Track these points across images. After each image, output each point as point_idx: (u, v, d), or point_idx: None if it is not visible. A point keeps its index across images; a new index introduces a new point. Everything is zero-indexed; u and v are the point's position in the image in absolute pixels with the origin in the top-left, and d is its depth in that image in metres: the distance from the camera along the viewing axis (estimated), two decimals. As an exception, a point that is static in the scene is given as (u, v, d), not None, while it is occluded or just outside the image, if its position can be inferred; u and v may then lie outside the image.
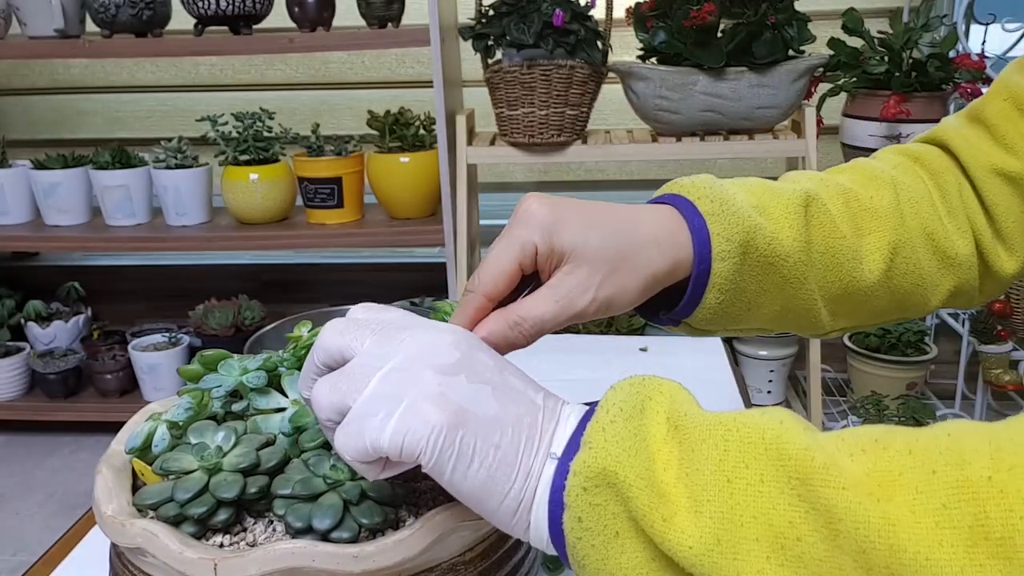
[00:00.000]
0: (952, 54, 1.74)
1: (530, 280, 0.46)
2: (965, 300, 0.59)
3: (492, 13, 1.60)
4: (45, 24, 1.89)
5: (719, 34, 1.61)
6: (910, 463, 0.31)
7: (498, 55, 1.63)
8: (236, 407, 0.52)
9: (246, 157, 1.95)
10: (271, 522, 0.45)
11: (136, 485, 0.48)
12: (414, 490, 0.47)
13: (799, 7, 1.62)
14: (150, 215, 2.10)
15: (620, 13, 1.72)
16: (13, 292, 2.37)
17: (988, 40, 1.84)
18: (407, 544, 0.41)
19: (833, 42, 1.81)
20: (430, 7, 1.72)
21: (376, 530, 0.43)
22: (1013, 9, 1.84)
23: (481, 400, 0.38)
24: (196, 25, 1.88)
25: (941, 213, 0.56)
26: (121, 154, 2.05)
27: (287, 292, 2.45)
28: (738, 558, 0.32)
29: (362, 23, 1.90)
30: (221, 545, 0.43)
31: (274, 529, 0.45)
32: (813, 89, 1.77)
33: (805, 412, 1.94)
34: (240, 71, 2.34)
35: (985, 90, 0.58)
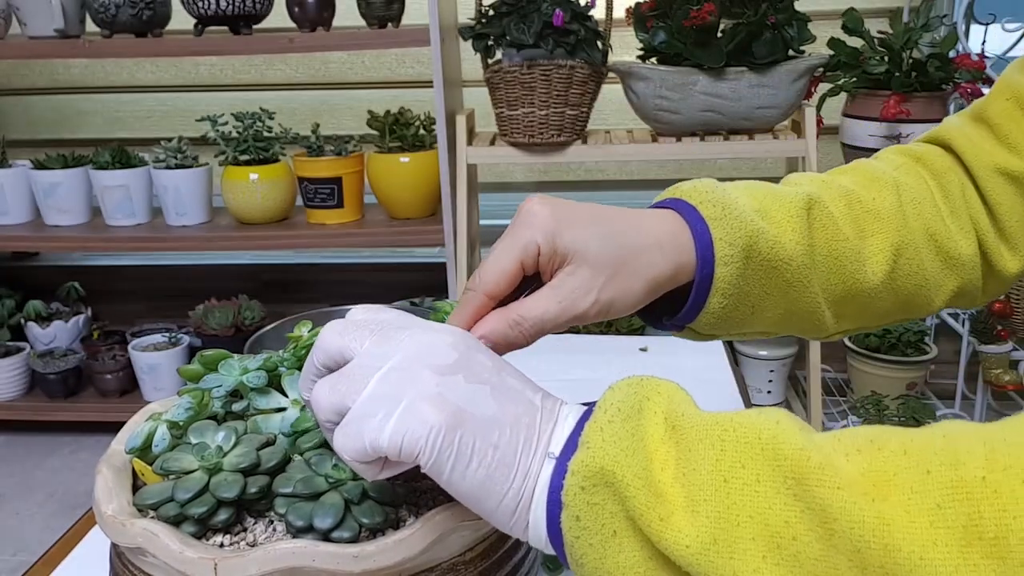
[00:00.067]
0: (952, 54, 1.74)
1: (531, 282, 0.46)
2: (968, 300, 0.59)
3: (492, 13, 1.60)
4: (45, 24, 1.89)
5: (719, 34, 1.61)
6: (905, 463, 0.31)
7: (498, 55, 1.63)
8: (236, 407, 0.52)
9: (246, 157, 1.95)
10: (271, 522, 0.45)
11: (136, 485, 0.48)
12: (414, 490, 0.47)
13: (799, 7, 1.62)
14: (150, 215, 2.10)
15: (620, 13, 1.72)
16: (13, 292, 2.37)
17: (988, 40, 1.84)
18: (407, 544, 0.41)
19: (833, 42, 1.81)
20: (430, 7, 1.73)
21: (376, 530, 0.43)
22: (1013, 9, 1.84)
23: (479, 400, 0.38)
24: (196, 25, 1.88)
25: (944, 213, 0.56)
26: (121, 154, 2.05)
27: (287, 292, 2.45)
28: (734, 557, 0.32)
29: (362, 23, 1.90)
30: (221, 545, 0.44)
31: (274, 529, 0.45)
32: (813, 89, 1.77)
33: (805, 412, 1.94)
34: (240, 71, 2.34)
35: (985, 90, 0.58)
